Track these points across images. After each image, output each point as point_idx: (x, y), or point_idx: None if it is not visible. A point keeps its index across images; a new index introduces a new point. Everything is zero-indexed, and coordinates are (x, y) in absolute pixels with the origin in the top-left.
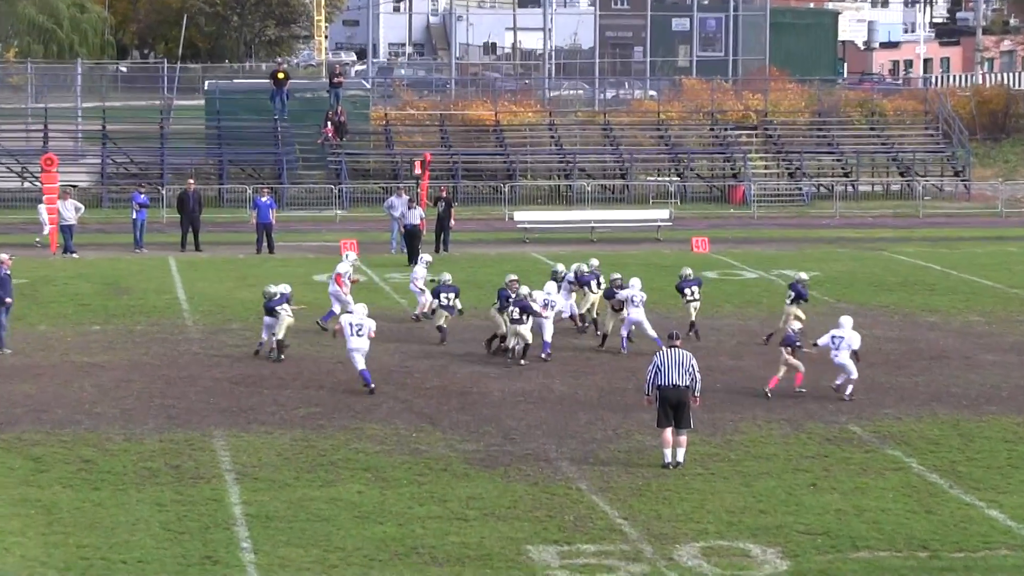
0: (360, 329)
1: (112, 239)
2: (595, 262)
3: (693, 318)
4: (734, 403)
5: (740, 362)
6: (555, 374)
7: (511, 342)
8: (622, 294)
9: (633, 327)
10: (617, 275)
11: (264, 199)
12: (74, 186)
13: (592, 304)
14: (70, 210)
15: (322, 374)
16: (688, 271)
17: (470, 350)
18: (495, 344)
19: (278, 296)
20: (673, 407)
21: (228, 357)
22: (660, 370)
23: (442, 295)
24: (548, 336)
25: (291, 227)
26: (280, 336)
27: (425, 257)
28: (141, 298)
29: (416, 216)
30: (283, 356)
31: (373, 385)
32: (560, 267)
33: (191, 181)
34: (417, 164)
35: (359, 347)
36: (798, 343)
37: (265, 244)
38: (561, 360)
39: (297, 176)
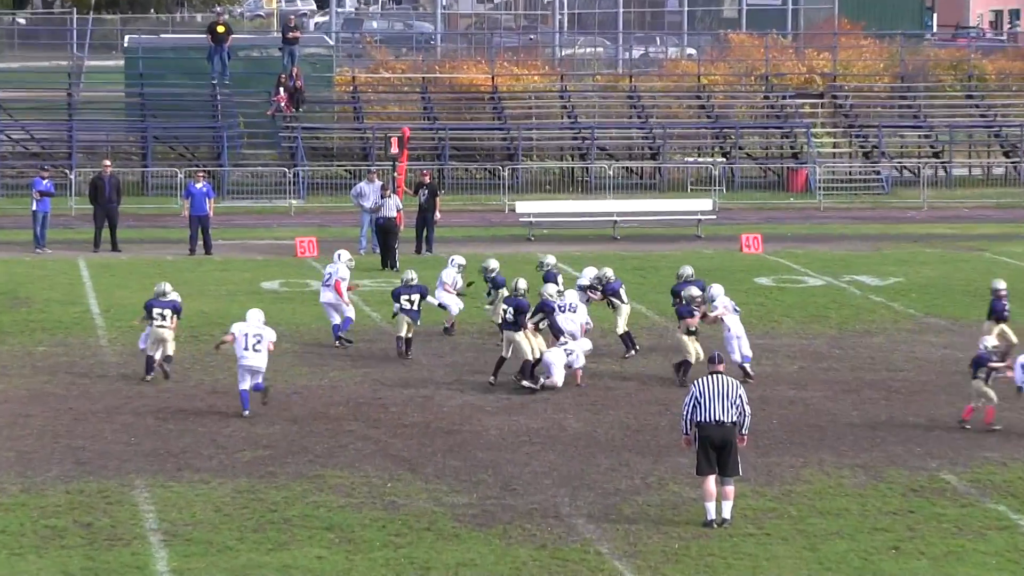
0: (258, 342)
1: (6, 236)
2: (608, 271)
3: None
4: (795, 444)
5: (803, 392)
6: (568, 407)
7: (505, 352)
8: (717, 305)
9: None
10: (606, 271)
11: (199, 186)
12: None
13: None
14: None
15: (272, 407)
16: (688, 270)
17: (460, 377)
18: (529, 381)
19: (168, 299)
20: (717, 449)
21: (153, 387)
22: (700, 403)
23: (403, 298)
24: (557, 370)
25: (234, 221)
26: (170, 352)
27: (457, 259)
28: (43, 311)
29: (392, 207)
30: (168, 374)
31: (248, 412)
32: (550, 259)
33: (107, 163)
34: (393, 141)
35: (254, 365)
36: (992, 364)
37: (201, 242)
38: (575, 390)
39: (241, 157)
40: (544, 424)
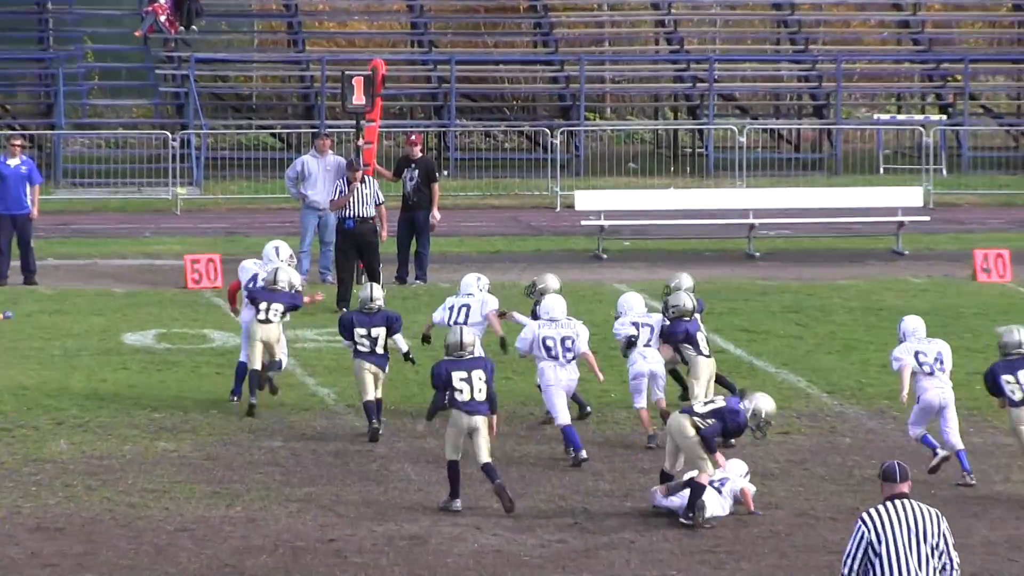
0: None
1: None
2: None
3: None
4: None
5: None
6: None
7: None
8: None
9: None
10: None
11: (13, 163)
12: None
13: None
14: None
15: (141, 562)
16: (684, 282)
17: (479, 496)
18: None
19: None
20: None
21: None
22: (878, 551)
23: (358, 332)
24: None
25: (75, 225)
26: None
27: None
28: None
29: (365, 201)
30: None
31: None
32: (686, 280)
33: None
34: (357, 86)
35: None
36: None
37: (16, 263)
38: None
39: (89, 112)
40: None
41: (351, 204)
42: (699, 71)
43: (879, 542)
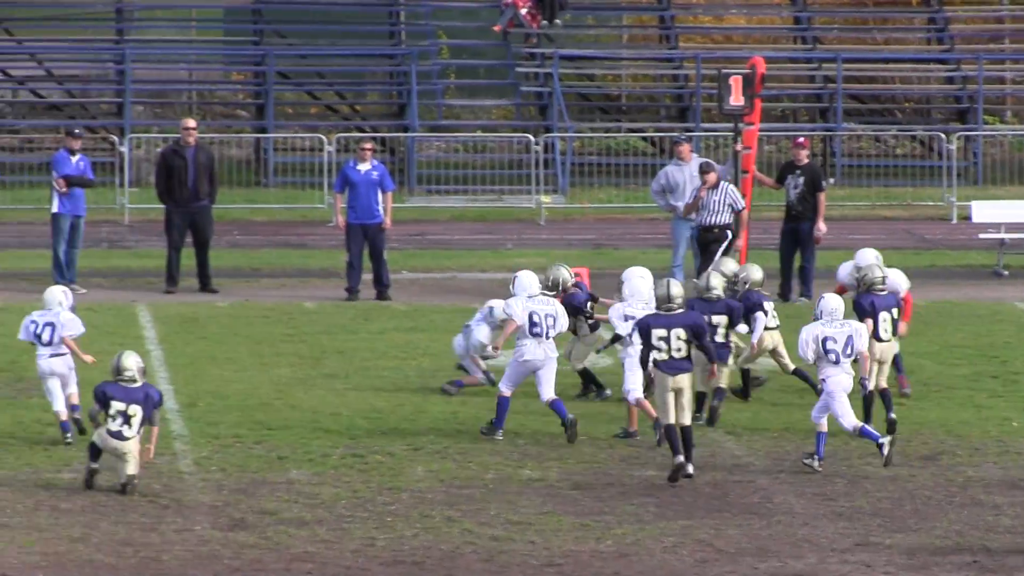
0: None
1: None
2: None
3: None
4: None
5: None
6: None
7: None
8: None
9: None
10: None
11: (363, 167)
12: None
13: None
14: None
15: None
16: (753, 273)
17: None
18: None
19: None
20: None
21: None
22: None
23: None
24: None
25: (426, 235)
26: None
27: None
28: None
29: (720, 209)
30: None
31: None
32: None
33: (190, 123)
34: (734, 86)
35: None
36: None
37: (370, 276)
38: None
39: (445, 115)
40: None
41: (706, 209)
42: None
43: None
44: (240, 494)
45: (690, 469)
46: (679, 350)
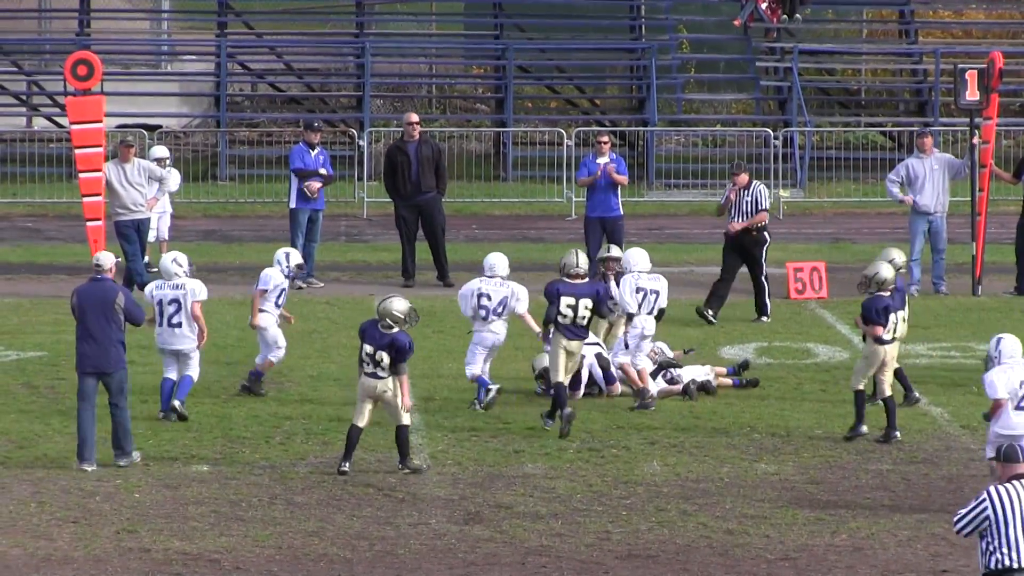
0: None
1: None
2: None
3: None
4: None
5: None
6: None
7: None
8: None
9: None
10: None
11: (602, 160)
12: None
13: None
14: None
15: None
16: (884, 271)
17: None
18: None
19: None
20: None
21: None
22: (992, 523)
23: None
24: None
25: (664, 229)
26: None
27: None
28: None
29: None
30: None
31: None
32: None
33: (414, 118)
34: (970, 80)
35: None
36: None
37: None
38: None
39: (684, 109)
40: None
41: (737, 210)
42: None
43: (1002, 520)
44: (476, 488)
45: (569, 410)
46: (583, 318)
